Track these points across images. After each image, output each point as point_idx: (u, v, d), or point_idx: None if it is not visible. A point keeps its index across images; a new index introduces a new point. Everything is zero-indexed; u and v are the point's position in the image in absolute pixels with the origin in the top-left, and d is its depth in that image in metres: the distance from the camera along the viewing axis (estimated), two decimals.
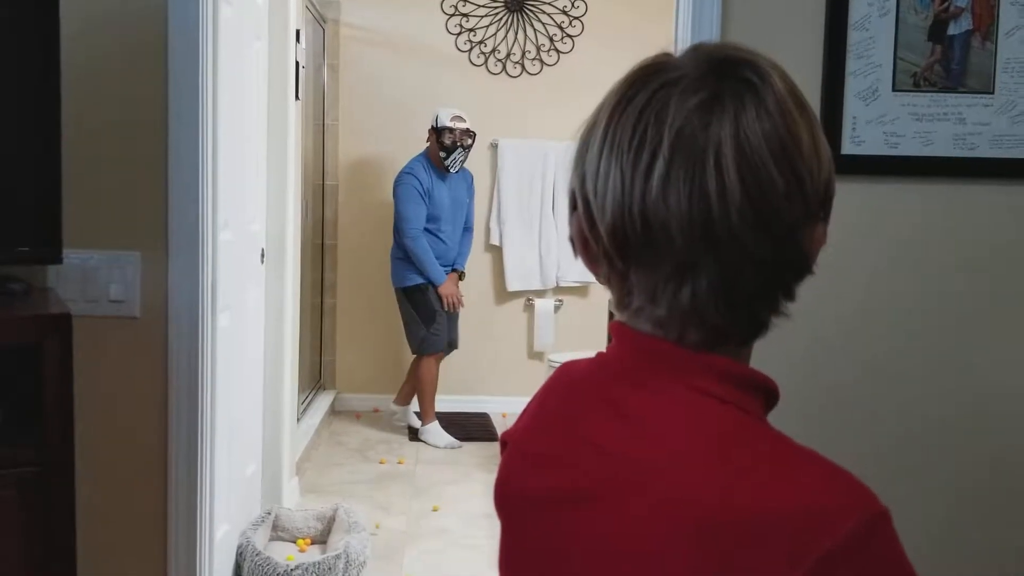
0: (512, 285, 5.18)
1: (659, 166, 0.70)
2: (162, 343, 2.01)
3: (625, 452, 0.73)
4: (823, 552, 0.62)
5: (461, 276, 4.65)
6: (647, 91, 0.73)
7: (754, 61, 0.75)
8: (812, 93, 2.00)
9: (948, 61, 2.02)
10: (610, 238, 0.73)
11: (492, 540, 3.42)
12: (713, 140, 0.70)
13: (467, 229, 4.73)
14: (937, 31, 2.01)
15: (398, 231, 4.49)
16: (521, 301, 5.26)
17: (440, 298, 4.50)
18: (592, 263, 0.78)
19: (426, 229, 4.50)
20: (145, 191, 1.99)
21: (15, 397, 1.75)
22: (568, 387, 0.83)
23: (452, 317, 4.65)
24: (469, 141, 4.53)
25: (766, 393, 0.75)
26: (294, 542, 3.25)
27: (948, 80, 2.02)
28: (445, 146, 4.47)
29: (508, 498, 0.85)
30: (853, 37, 1.99)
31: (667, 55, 0.76)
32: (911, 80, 2.01)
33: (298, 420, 4.04)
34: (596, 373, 0.80)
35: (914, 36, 2.01)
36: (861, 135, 2.02)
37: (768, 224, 0.71)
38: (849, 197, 2.05)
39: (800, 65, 2.00)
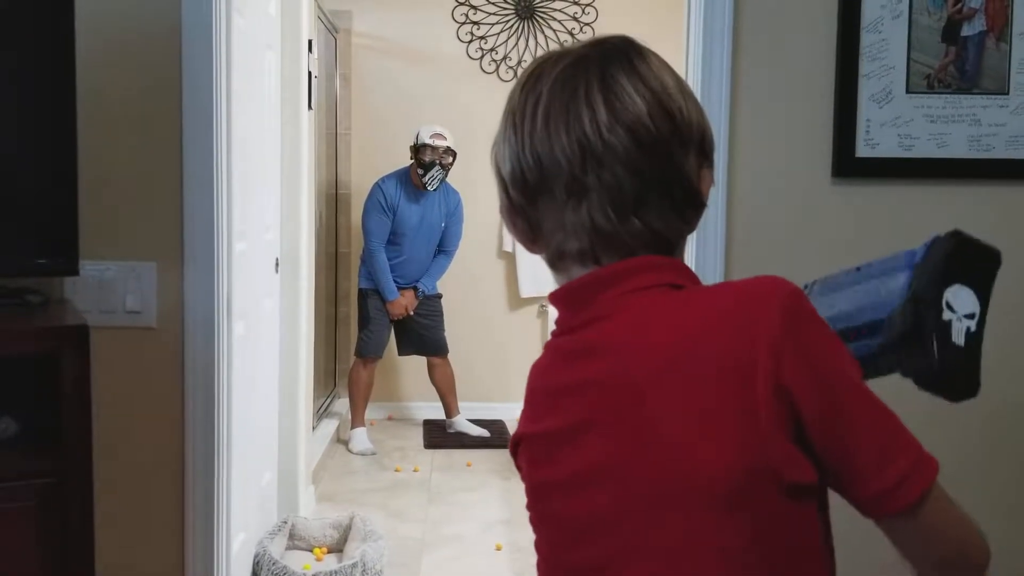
0: (525, 291, 5.18)
1: (540, 111, 0.86)
2: (178, 353, 2.02)
3: (599, 377, 0.83)
4: (778, 316, 0.76)
5: (417, 293, 4.66)
6: (532, 68, 0.90)
7: (625, 36, 0.90)
8: (825, 96, 2.00)
9: (962, 62, 2.01)
10: (512, 186, 0.88)
11: (508, 547, 3.41)
12: (582, 82, 0.85)
13: (444, 252, 4.73)
14: (951, 32, 2.00)
15: (364, 242, 4.60)
16: (535, 307, 5.26)
17: (384, 308, 4.59)
18: (515, 229, 0.91)
19: (388, 242, 4.56)
20: (161, 202, 2.00)
21: (33, 408, 1.76)
22: (542, 368, 0.92)
23: (430, 324, 4.68)
24: (449, 159, 4.54)
25: (687, 271, 0.88)
26: (311, 551, 3.25)
27: (962, 81, 2.01)
28: (423, 163, 4.49)
29: (534, 485, 0.92)
30: (866, 39, 1.99)
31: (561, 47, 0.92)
32: (925, 82, 2.01)
33: (313, 428, 4.05)
34: (555, 342, 0.90)
35: (927, 38, 2.00)
36: (875, 138, 2.01)
37: (637, 138, 0.83)
38: (864, 200, 2.05)
39: (813, 68, 1.99)
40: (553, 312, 4.33)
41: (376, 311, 4.61)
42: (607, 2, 5.13)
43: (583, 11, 5.17)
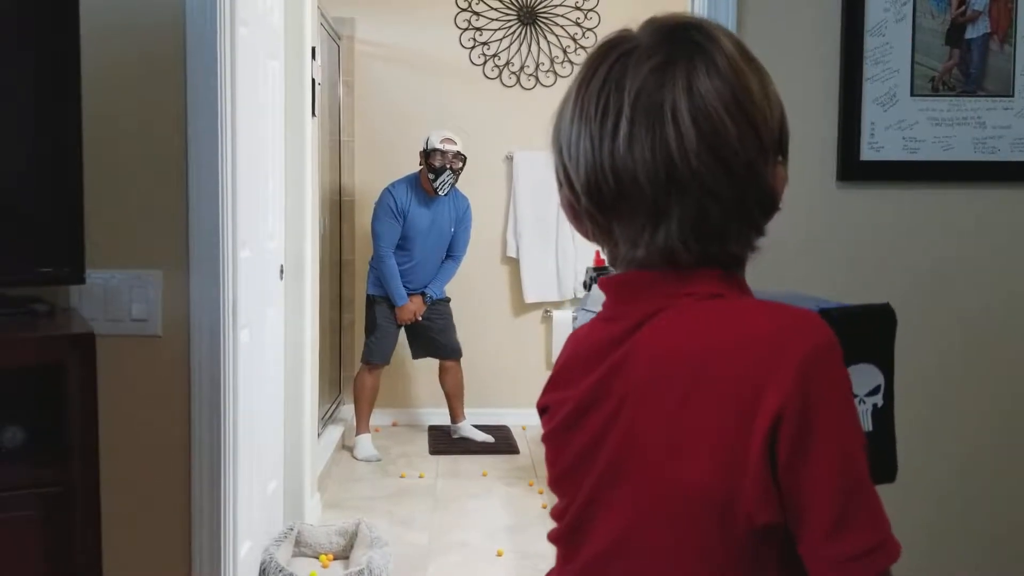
0: (529, 297, 5.18)
1: (623, 126, 0.80)
2: (184, 361, 2.02)
3: (617, 372, 0.83)
4: (801, 355, 0.74)
5: (425, 299, 4.65)
6: (607, 63, 0.83)
7: (701, 25, 0.83)
8: (829, 99, 2.00)
9: (966, 65, 2.01)
10: (587, 196, 0.84)
11: (514, 553, 3.40)
12: (668, 97, 0.79)
13: (452, 257, 4.73)
14: (954, 35, 2.00)
15: (374, 247, 4.58)
16: (539, 313, 5.26)
17: (391, 315, 4.59)
18: (579, 225, 0.88)
19: (398, 247, 4.56)
20: (166, 211, 2.01)
21: (39, 417, 1.76)
22: (580, 344, 0.92)
23: (442, 327, 4.69)
24: (459, 164, 4.55)
25: (740, 286, 0.86)
26: (317, 558, 3.24)
27: (967, 84, 2.01)
28: (434, 168, 4.50)
29: (552, 441, 0.93)
30: (870, 43, 1.99)
31: (627, 30, 0.86)
32: (929, 85, 2.00)
33: (318, 436, 4.05)
34: (599, 323, 0.89)
35: (931, 40, 2.00)
36: (880, 141, 2.01)
37: (726, 164, 0.80)
38: (869, 204, 2.04)
39: (817, 71, 1.99)
40: (560, 317, 4.33)
41: (384, 317, 4.60)
42: (609, 8, 5.14)
43: (585, 16, 5.17)
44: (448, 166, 4.51)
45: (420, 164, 4.59)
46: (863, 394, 0.85)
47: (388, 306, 4.59)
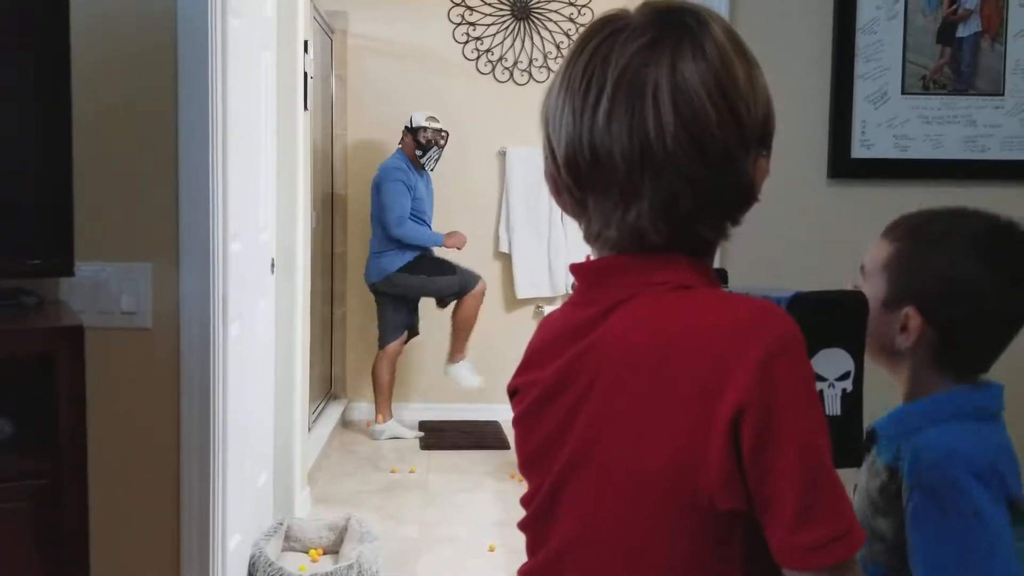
0: (522, 292, 5.18)
1: (604, 102, 0.81)
2: (174, 354, 2.02)
3: (581, 356, 0.84)
4: (763, 348, 0.75)
5: None
6: (597, 39, 0.83)
7: (696, 10, 0.83)
8: (821, 97, 2.00)
9: (957, 63, 2.01)
10: (565, 168, 0.85)
11: (504, 548, 3.41)
12: (652, 76, 0.80)
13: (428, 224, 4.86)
14: (946, 33, 2.01)
15: (382, 223, 4.57)
16: (531, 308, 5.26)
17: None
18: (559, 199, 0.89)
19: (418, 221, 4.64)
20: (156, 203, 2.00)
21: (28, 409, 1.76)
22: (550, 330, 0.92)
23: (415, 307, 4.78)
24: (442, 141, 4.70)
25: (708, 275, 0.85)
26: (306, 552, 3.24)
27: (958, 82, 2.02)
28: (421, 145, 4.64)
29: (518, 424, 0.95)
30: (861, 40, 1.99)
31: (623, 10, 0.85)
32: (920, 83, 2.01)
33: (309, 430, 4.04)
34: (569, 309, 0.90)
35: (923, 39, 2.00)
36: (870, 138, 2.01)
37: (702, 148, 0.79)
38: (859, 201, 2.05)
39: (808, 69, 2.00)
40: (549, 312, 4.28)
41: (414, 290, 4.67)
42: (602, 3, 5.13)
43: (579, 12, 5.17)
44: (433, 142, 4.64)
45: (402, 141, 4.67)
46: (833, 378, 0.86)
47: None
